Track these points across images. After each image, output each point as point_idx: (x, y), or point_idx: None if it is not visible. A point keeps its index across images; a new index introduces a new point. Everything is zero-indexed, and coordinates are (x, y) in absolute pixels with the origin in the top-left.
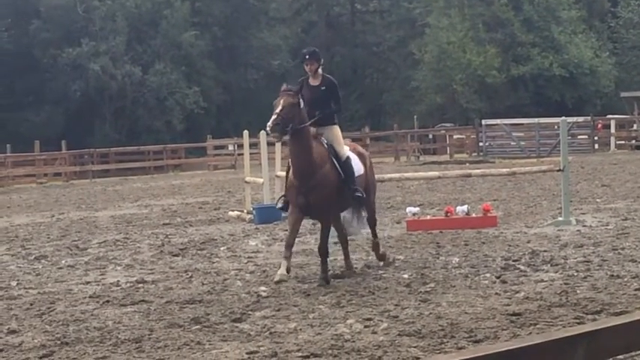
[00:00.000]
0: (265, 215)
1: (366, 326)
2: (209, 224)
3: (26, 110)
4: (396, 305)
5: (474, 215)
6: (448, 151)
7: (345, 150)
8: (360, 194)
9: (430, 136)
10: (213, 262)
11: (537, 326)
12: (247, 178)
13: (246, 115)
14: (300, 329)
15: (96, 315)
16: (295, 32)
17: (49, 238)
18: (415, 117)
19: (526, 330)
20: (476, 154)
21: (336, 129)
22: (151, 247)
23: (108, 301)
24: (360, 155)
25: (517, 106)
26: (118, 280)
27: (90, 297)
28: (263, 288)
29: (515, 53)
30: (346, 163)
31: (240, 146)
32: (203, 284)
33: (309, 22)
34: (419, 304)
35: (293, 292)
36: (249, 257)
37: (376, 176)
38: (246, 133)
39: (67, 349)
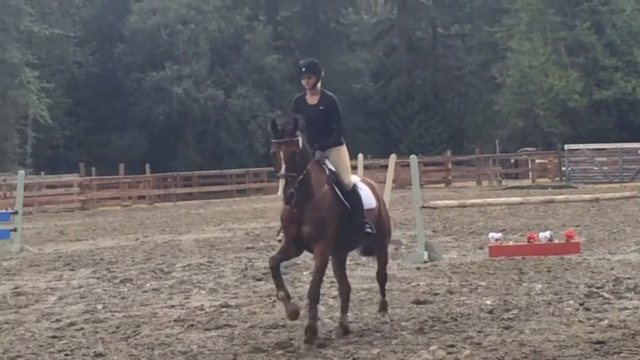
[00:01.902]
0: None
1: (448, 353)
2: None
3: (111, 133)
4: (479, 332)
5: (556, 241)
6: (530, 176)
7: (353, 178)
8: (370, 229)
9: (512, 161)
10: (296, 287)
11: (621, 355)
12: None
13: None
14: (383, 355)
15: (180, 339)
16: (377, 56)
17: (133, 261)
18: (497, 141)
19: (610, 358)
20: (558, 178)
21: (343, 151)
22: (235, 271)
23: (192, 325)
24: (372, 187)
25: (600, 130)
26: (202, 304)
27: (174, 321)
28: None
29: (597, 77)
30: (353, 193)
31: None
32: None
33: (390, 45)
34: (502, 331)
35: (375, 318)
36: (331, 282)
37: (458, 201)
38: None
39: None
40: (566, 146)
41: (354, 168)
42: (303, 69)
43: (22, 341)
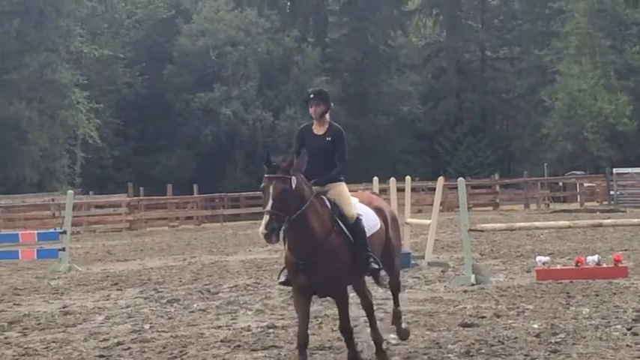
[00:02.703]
0: None
1: None
2: None
3: (159, 154)
4: (526, 355)
5: (604, 265)
6: (578, 199)
7: (356, 208)
8: (375, 265)
9: (560, 184)
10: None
11: None
12: None
13: (375, 161)
14: None
15: (227, 359)
16: (426, 78)
17: (180, 281)
18: (545, 164)
19: None
20: (606, 202)
21: (342, 187)
22: (281, 293)
23: (239, 346)
24: (378, 210)
25: None
26: (249, 325)
27: (221, 341)
28: (392, 335)
29: None
30: (356, 226)
31: None
32: (333, 330)
33: (439, 68)
34: (549, 354)
35: (422, 341)
36: (378, 304)
37: (506, 224)
38: (375, 179)
39: None
40: (614, 170)
41: (400, 191)
42: (312, 96)
43: None
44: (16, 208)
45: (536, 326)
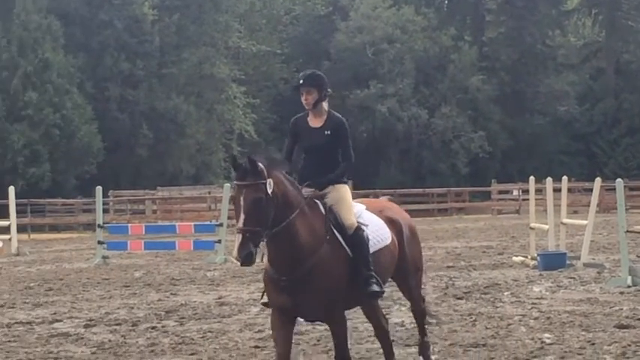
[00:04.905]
0: (550, 262)
1: None
2: (492, 268)
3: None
4: None
5: None
6: None
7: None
8: (376, 288)
9: None
10: (497, 307)
11: None
12: (532, 224)
13: (531, 161)
14: None
15: (381, 354)
16: (583, 79)
17: None
18: None
19: None
20: None
21: (344, 190)
22: (435, 289)
23: (393, 341)
24: (390, 222)
25: None
26: (403, 321)
27: (374, 336)
28: (547, 335)
29: None
30: (356, 237)
31: (525, 192)
32: (487, 328)
33: (597, 68)
34: None
35: (577, 340)
36: (533, 303)
37: None
38: (532, 179)
39: None
40: None
41: (557, 191)
42: (301, 81)
43: (225, 350)
44: (173, 200)
45: None
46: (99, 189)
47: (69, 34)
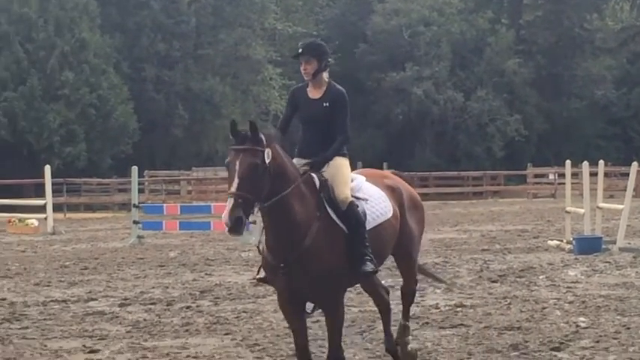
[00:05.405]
0: (585, 246)
1: None
2: (528, 252)
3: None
4: None
5: None
6: None
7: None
8: (369, 268)
9: None
10: (532, 290)
11: None
12: (568, 208)
13: (567, 145)
14: None
15: (415, 336)
16: (621, 63)
17: None
18: None
19: None
20: None
21: (341, 163)
22: (470, 272)
23: (427, 323)
24: (391, 190)
25: None
26: (437, 303)
27: (410, 318)
28: (582, 319)
29: None
30: (350, 212)
31: (561, 175)
32: (521, 311)
33: (634, 52)
34: None
35: (612, 325)
36: (568, 287)
37: None
38: (568, 162)
39: None
40: None
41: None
42: (300, 50)
43: (259, 330)
44: (208, 181)
45: None
46: (134, 169)
47: (105, 14)
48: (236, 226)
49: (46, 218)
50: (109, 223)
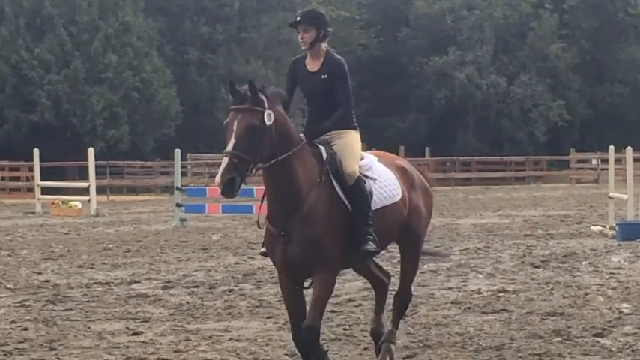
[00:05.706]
0: (628, 232)
1: None
2: (570, 237)
3: (392, 116)
4: None
5: None
6: None
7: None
8: (371, 247)
9: None
10: (575, 276)
11: None
12: (611, 194)
13: (610, 130)
14: None
15: (457, 320)
16: None
17: None
18: None
19: None
20: None
21: (352, 136)
22: (512, 257)
23: (469, 308)
24: (401, 171)
25: None
26: (479, 288)
27: (452, 302)
28: (625, 305)
29: None
30: (356, 188)
31: (604, 161)
32: (564, 297)
33: None
34: None
35: None
36: (610, 273)
37: None
38: (611, 148)
39: (430, 351)
40: None
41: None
42: (298, 18)
43: None
44: None
45: None
46: (177, 152)
47: None
48: (229, 187)
49: (89, 201)
50: (151, 205)
